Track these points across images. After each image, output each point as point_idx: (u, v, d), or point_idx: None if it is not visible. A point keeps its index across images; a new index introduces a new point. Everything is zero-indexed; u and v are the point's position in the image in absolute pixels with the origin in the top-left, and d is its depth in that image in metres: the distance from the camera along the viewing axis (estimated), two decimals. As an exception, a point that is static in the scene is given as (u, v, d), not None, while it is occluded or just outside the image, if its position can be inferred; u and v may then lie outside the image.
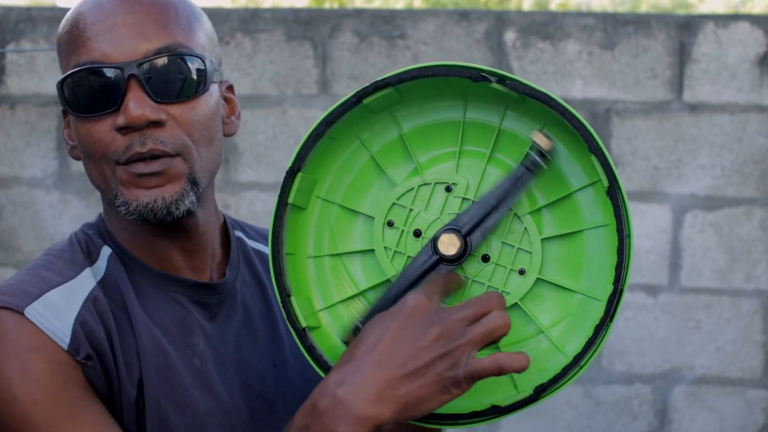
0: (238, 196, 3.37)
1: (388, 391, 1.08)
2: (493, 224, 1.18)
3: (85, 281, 1.23)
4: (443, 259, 1.17)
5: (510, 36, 3.31)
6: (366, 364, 1.08)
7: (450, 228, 1.18)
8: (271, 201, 3.26)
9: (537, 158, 1.16)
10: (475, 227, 1.18)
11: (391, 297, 1.17)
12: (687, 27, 3.28)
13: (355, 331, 1.17)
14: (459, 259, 1.18)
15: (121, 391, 1.20)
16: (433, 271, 1.18)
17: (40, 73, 3.39)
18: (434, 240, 1.18)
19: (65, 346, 1.16)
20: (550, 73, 3.30)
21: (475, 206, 1.18)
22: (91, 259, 1.27)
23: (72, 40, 1.23)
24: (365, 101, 1.18)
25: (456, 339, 1.09)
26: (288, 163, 1.20)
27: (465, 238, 1.17)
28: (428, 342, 1.09)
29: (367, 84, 1.18)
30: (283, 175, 1.21)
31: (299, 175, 1.20)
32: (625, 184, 3.26)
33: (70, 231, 1.34)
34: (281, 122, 3.35)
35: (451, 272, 1.19)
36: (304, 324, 1.20)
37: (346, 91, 3.31)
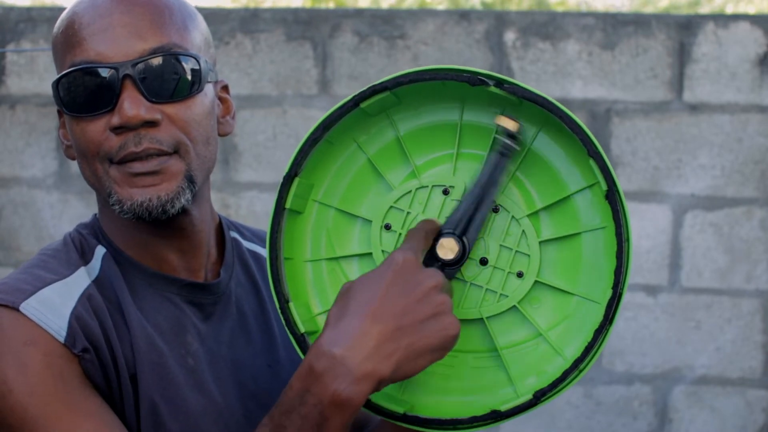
0: (238, 196, 3.36)
1: (385, 346, 1.06)
2: (484, 218, 1.18)
3: (80, 279, 1.24)
4: (444, 264, 1.17)
5: (510, 36, 3.31)
6: (359, 321, 1.07)
7: (446, 232, 1.17)
8: (271, 201, 3.25)
9: (507, 141, 1.16)
10: (468, 225, 1.17)
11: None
12: (687, 27, 3.28)
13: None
14: (459, 261, 1.17)
15: (121, 386, 1.20)
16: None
17: (40, 73, 3.39)
18: (433, 247, 1.17)
19: (62, 339, 1.17)
20: (550, 73, 3.30)
21: (462, 204, 1.18)
22: (85, 258, 1.27)
23: (67, 40, 1.23)
24: (362, 105, 1.18)
25: (446, 296, 1.10)
26: (285, 167, 1.20)
27: (461, 239, 1.17)
28: (420, 295, 1.09)
29: (365, 88, 1.18)
30: (282, 176, 1.21)
31: (296, 180, 1.20)
32: (625, 185, 3.26)
33: (66, 233, 1.34)
34: (281, 122, 3.35)
35: (428, 221, 1.18)
36: (303, 330, 1.20)
37: (346, 91, 3.31)
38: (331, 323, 1.09)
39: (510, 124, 1.16)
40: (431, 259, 1.17)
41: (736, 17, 3.31)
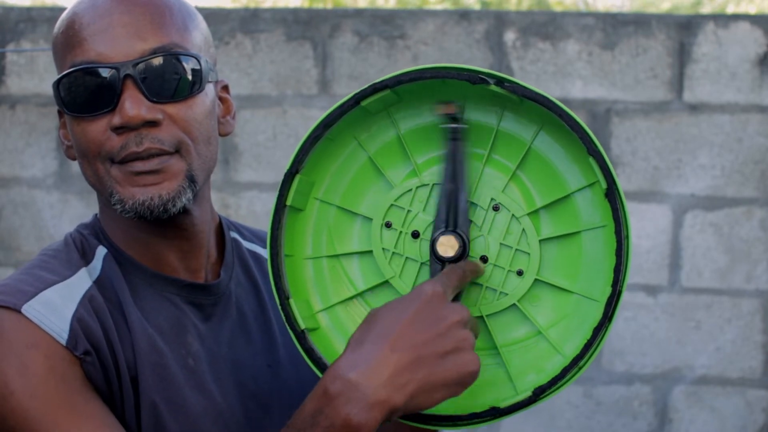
0: (238, 196, 3.37)
1: (402, 376, 1.06)
2: (465, 204, 1.18)
3: (81, 280, 1.24)
4: (446, 263, 1.17)
5: (510, 36, 3.31)
6: (379, 348, 1.06)
7: (441, 231, 1.17)
8: (271, 201, 3.25)
9: (454, 125, 1.17)
10: (456, 216, 1.17)
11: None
12: (687, 27, 3.28)
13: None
14: (462, 256, 1.17)
15: (122, 388, 1.20)
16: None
17: (40, 73, 3.39)
18: (433, 247, 1.17)
19: (63, 342, 1.16)
20: (550, 73, 3.30)
21: (441, 200, 1.18)
22: (86, 259, 1.27)
23: (68, 40, 1.23)
24: (363, 103, 1.18)
25: (469, 332, 1.10)
26: (287, 165, 1.20)
27: (459, 234, 1.17)
28: (444, 329, 1.08)
29: (366, 86, 1.18)
30: (283, 174, 1.21)
31: (297, 177, 1.20)
32: (625, 184, 3.26)
33: (67, 233, 1.34)
34: (281, 122, 3.35)
35: (470, 262, 1.18)
36: (303, 326, 1.20)
37: (346, 91, 3.31)
38: (351, 347, 1.08)
39: (447, 109, 1.17)
40: (435, 261, 1.17)
41: (736, 17, 3.31)
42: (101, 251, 1.29)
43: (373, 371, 1.05)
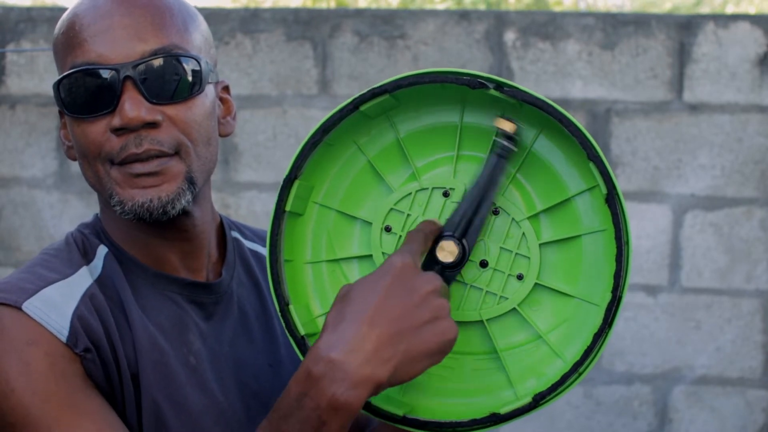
0: (237, 196, 3.36)
1: (383, 351, 1.06)
2: (483, 220, 1.18)
3: (82, 279, 1.24)
4: (444, 267, 1.17)
5: (510, 36, 3.31)
6: (357, 325, 1.06)
7: (445, 235, 1.17)
8: (271, 201, 3.26)
9: (506, 143, 1.17)
10: (468, 227, 1.17)
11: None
12: (687, 27, 3.28)
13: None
14: (459, 264, 1.17)
15: (123, 385, 1.21)
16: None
17: (40, 73, 3.39)
18: (433, 250, 1.17)
19: (64, 339, 1.17)
20: (550, 73, 3.30)
21: (461, 206, 1.18)
22: (87, 258, 1.27)
23: (68, 42, 1.23)
24: (362, 108, 1.18)
25: (444, 300, 1.10)
26: (285, 170, 1.20)
27: (461, 241, 1.17)
28: (418, 300, 1.08)
29: (364, 91, 1.18)
30: (283, 176, 1.21)
31: (296, 183, 1.20)
32: (625, 185, 3.26)
33: (68, 232, 1.34)
34: (281, 122, 3.35)
35: (427, 221, 1.18)
36: (303, 332, 1.20)
37: (346, 91, 3.31)
38: (329, 327, 1.08)
39: (508, 126, 1.16)
40: (431, 262, 1.17)
41: (736, 17, 3.31)
42: (102, 250, 1.29)
43: (355, 349, 1.05)
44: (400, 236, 1.22)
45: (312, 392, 1.05)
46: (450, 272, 1.17)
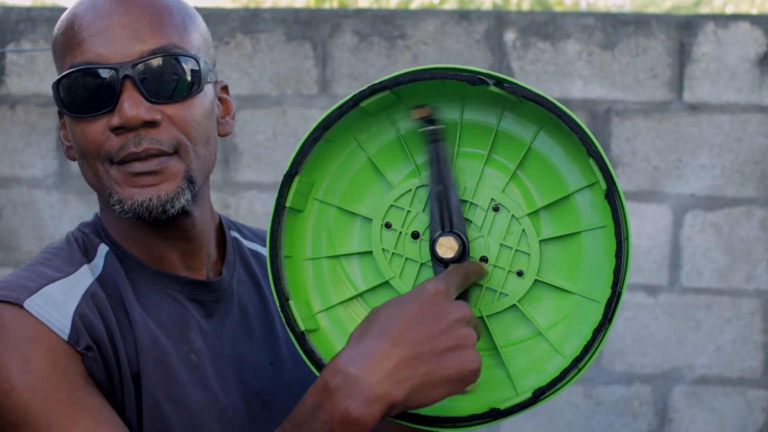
0: (237, 196, 3.36)
1: (402, 371, 1.05)
2: (457, 202, 1.18)
3: (83, 277, 1.24)
4: (450, 263, 1.17)
5: (510, 36, 3.31)
6: (380, 343, 1.06)
7: (440, 234, 1.17)
8: (271, 201, 3.25)
9: (432, 127, 1.17)
10: (451, 217, 1.17)
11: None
12: (687, 27, 3.28)
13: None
14: (462, 256, 1.17)
15: (123, 384, 1.21)
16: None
17: (40, 73, 3.39)
18: (433, 249, 1.17)
19: (65, 337, 1.17)
20: (550, 73, 3.30)
21: (432, 206, 1.18)
22: (88, 256, 1.28)
23: (67, 41, 1.24)
24: (362, 104, 1.18)
25: (471, 330, 1.10)
26: (286, 166, 1.20)
27: (457, 234, 1.17)
28: (445, 326, 1.08)
29: (365, 87, 1.18)
30: (283, 173, 1.21)
31: (297, 179, 1.20)
32: (625, 184, 3.26)
33: (68, 231, 1.34)
34: (281, 122, 3.35)
35: (474, 263, 1.18)
36: (302, 327, 1.20)
37: (346, 91, 3.31)
38: (352, 342, 1.08)
39: (423, 112, 1.17)
40: (437, 265, 1.17)
41: (736, 17, 3.31)
42: (103, 249, 1.29)
43: (374, 366, 1.05)
44: (401, 232, 1.22)
45: (327, 404, 1.05)
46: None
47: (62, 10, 3.44)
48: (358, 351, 1.06)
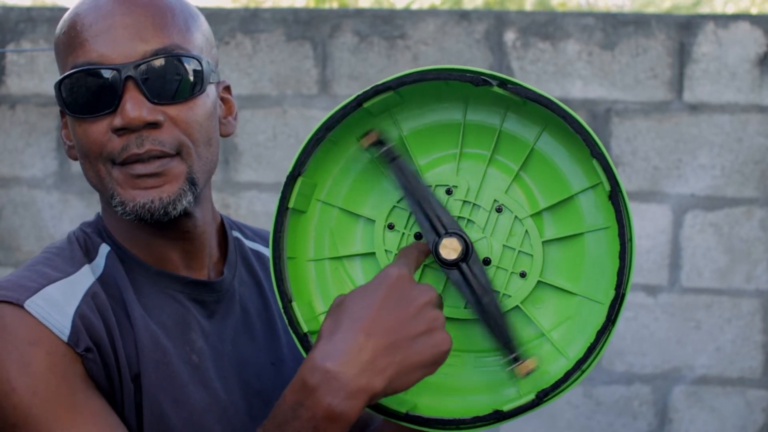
0: (238, 196, 3.36)
1: (379, 361, 1.06)
2: (440, 204, 1.18)
3: (84, 277, 1.24)
4: (456, 263, 1.17)
5: (510, 36, 3.31)
6: (353, 335, 1.07)
7: (438, 239, 1.17)
8: (271, 201, 3.26)
9: (385, 149, 1.18)
10: (440, 220, 1.17)
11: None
12: (687, 27, 3.28)
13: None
14: (467, 255, 1.17)
15: (122, 386, 1.20)
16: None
17: (40, 73, 3.39)
18: (436, 253, 1.17)
19: (65, 339, 1.17)
20: (550, 73, 3.30)
21: (417, 217, 1.18)
22: (89, 256, 1.27)
23: (69, 42, 1.23)
24: (365, 105, 1.18)
25: (439, 312, 1.11)
26: (288, 167, 1.20)
27: (456, 234, 1.17)
28: (414, 311, 1.09)
29: (368, 88, 1.18)
30: (284, 176, 1.21)
31: (300, 180, 1.20)
32: (625, 185, 3.26)
33: (70, 231, 1.34)
34: (281, 122, 3.35)
35: (421, 243, 1.19)
36: (306, 329, 1.20)
37: (346, 91, 3.30)
38: (324, 336, 1.08)
39: (371, 138, 1.18)
40: (446, 268, 1.17)
41: (736, 17, 3.31)
42: (104, 249, 1.29)
43: (351, 359, 1.06)
44: (403, 234, 1.22)
45: (308, 402, 1.06)
46: (466, 267, 1.17)
47: (62, 10, 3.44)
48: (333, 345, 1.07)
